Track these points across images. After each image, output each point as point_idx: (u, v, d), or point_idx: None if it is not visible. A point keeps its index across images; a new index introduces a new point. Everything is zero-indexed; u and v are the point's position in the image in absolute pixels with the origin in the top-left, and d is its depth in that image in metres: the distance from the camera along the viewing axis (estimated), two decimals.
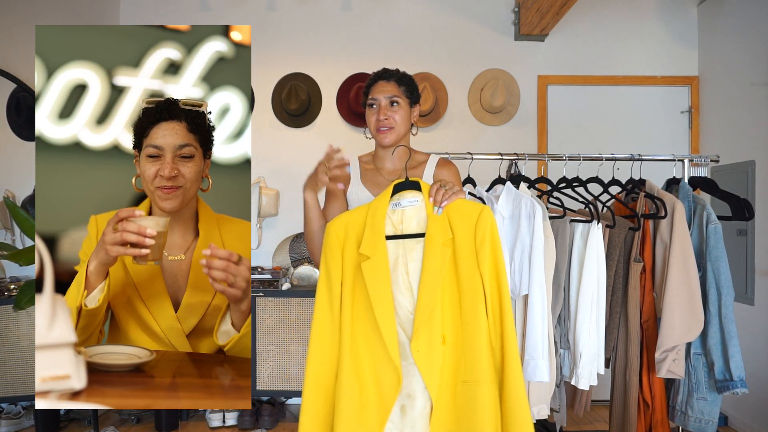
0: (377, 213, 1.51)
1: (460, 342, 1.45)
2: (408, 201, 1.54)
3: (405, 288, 1.48)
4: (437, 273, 1.44)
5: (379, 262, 1.46)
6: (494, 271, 1.46)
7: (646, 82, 3.88)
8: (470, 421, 1.41)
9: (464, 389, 1.43)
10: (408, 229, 1.52)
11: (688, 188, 2.34)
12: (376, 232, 1.48)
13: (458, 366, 1.45)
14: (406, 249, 1.50)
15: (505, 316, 1.45)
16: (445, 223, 1.48)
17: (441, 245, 1.46)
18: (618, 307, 2.26)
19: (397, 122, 1.73)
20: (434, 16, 3.91)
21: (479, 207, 1.50)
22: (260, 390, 3.35)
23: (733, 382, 2.17)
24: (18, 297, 2.60)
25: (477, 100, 3.87)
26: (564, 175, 2.41)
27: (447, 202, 1.50)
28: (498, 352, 1.45)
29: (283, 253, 3.75)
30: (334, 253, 1.51)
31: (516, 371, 1.43)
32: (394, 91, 1.74)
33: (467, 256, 1.46)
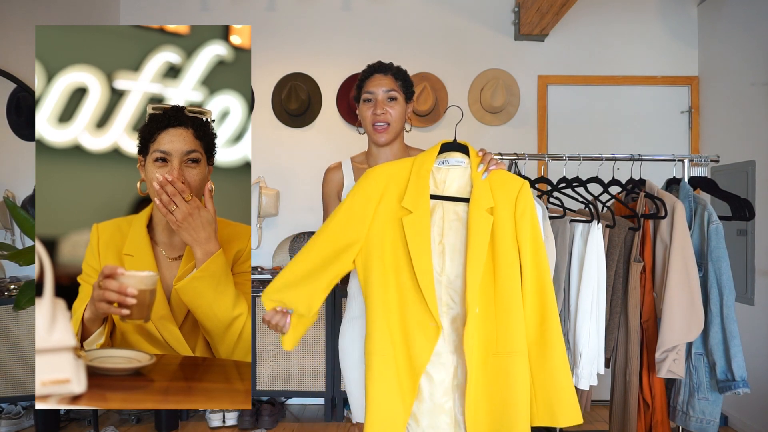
0: (423, 167, 1.51)
1: (492, 313, 1.45)
2: (456, 160, 1.54)
3: (437, 251, 1.49)
4: (483, 239, 1.44)
5: (422, 218, 1.46)
6: (534, 242, 1.47)
7: (646, 82, 3.87)
8: (503, 392, 1.42)
9: (496, 362, 1.43)
10: (449, 191, 1.53)
11: (688, 188, 2.34)
12: (421, 187, 1.48)
13: (489, 338, 1.45)
14: (444, 211, 1.51)
15: (546, 288, 1.46)
16: (488, 191, 1.49)
17: (484, 211, 1.46)
18: (618, 307, 2.26)
19: (393, 118, 1.69)
20: (434, 15, 3.91)
21: (520, 180, 1.52)
22: (260, 390, 3.35)
23: (735, 382, 2.17)
24: (18, 297, 2.60)
25: (477, 100, 3.87)
26: (564, 175, 2.41)
27: (495, 167, 1.51)
28: (536, 325, 1.46)
29: (283, 253, 3.75)
30: (369, 195, 1.50)
31: (559, 345, 1.44)
32: (391, 85, 1.70)
33: (506, 227, 1.47)
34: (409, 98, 1.76)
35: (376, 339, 1.44)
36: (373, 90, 1.70)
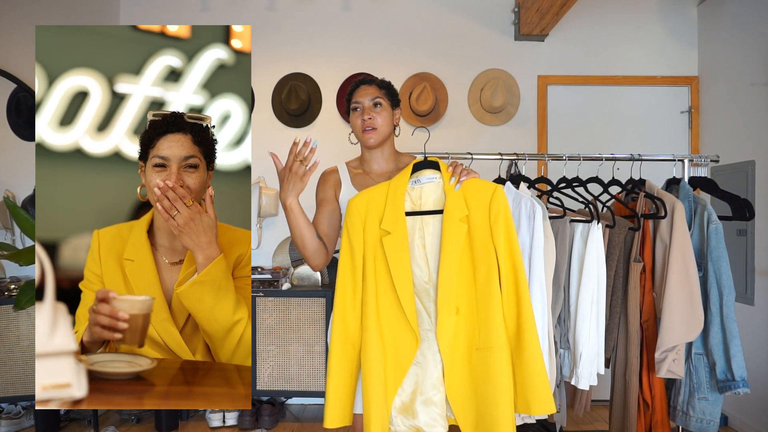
0: (398, 191, 1.64)
1: (474, 312, 1.57)
2: (427, 178, 1.66)
3: (421, 260, 1.60)
4: (455, 247, 1.55)
5: (399, 237, 1.58)
6: (508, 245, 1.57)
7: (646, 82, 3.87)
8: (485, 384, 1.52)
9: (478, 356, 1.55)
10: (426, 206, 1.65)
11: (688, 188, 2.34)
12: (397, 209, 1.61)
13: (472, 334, 1.56)
14: (423, 224, 1.63)
15: (521, 287, 1.56)
16: (461, 201, 1.60)
17: (458, 221, 1.57)
18: (618, 307, 2.27)
19: (380, 123, 1.82)
20: (434, 16, 3.91)
21: (493, 186, 1.62)
22: (260, 390, 3.35)
23: (735, 382, 2.17)
24: (18, 297, 2.61)
25: (477, 100, 3.86)
26: (564, 175, 2.41)
27: (465, 177, 1.62)
28: (513, 320, 1.56)
29: (283, 253, 3.75)
30: (356, 227, 1.64)
31: (533, 338, 1.54)
32: (375, 93, 1.84)
33: (482, 232, 1.58)
34: (395, 105, 1.89)
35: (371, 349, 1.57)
36: (359, 99, 1.85)
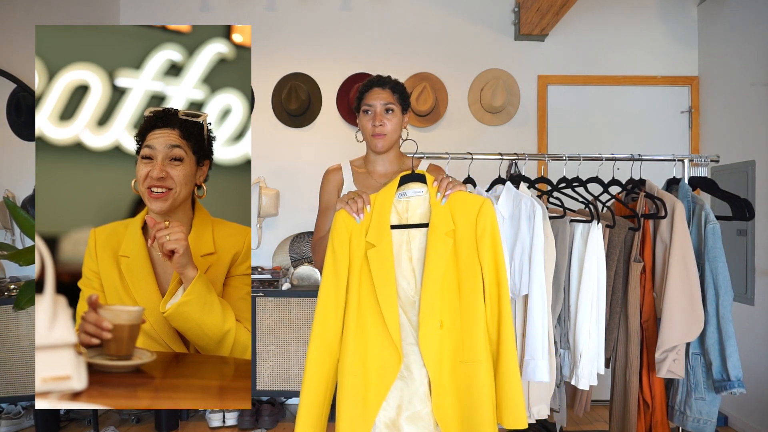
0: (384, 204, 1.60)
1: (458, 326, 1.55)
2: (413, 191, 1.63)
3: (408, 273, 1.58)
4: (440, 262, 1.53)
5: (384, 250, 1.55)
6: (493, 260, 1.55)
7: (646, 82, 3.88)
8: (469, 396, 1.51)
9: (462, 369, 1.53)
10: (413, 219, 1.62)
11: (687, 188, 2.34)
12: (383, 222, 1.58)
13: (457, 348, 1.54)
14: (410, 237, 1.60)
15: (503, 303, 1.55)
16: (447, 215, 1.57)
17: (443, 235, 1.55)
18: (618, 307, 2.27)
19: (390, 129, 1.80)
20: (434, 16, 3.91)
21: (480, 200, 1.59)
22: (260, 390, 3.35)
23: (730, 383, 2.17)
24: (18, 297, 2.60)
25: (477, 100, 3.87)
26: (564, 175, 2.41)
27: (451, 191, 1.59)
28: (494, 335, 1.55)
29: (283, 253, 3.75)
30: (342, 239, 1.59)
31: (510, 354, 1.53)
32: (389, 98, 1.81)
33: (468, 246, 1.56)
34: (405, 109, 1.87)
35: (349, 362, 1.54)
36: (372, 103, 1.80)
